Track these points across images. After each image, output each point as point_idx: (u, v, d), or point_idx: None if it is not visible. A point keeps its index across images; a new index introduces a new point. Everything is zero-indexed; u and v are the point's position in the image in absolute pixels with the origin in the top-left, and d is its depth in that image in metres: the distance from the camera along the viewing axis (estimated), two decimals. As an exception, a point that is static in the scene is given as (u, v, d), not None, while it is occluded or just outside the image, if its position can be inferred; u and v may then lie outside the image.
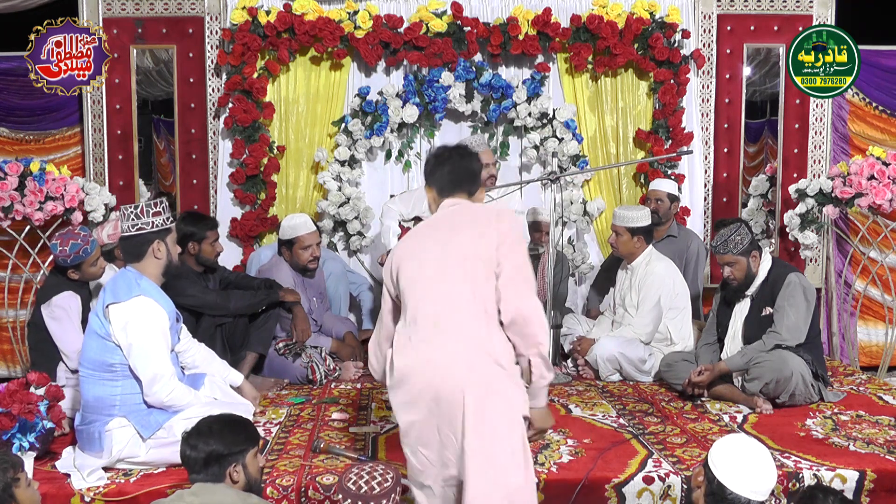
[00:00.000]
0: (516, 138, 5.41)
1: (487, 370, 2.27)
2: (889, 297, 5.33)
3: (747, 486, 2.15)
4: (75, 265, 3.61)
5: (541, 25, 5.17)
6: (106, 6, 5.15)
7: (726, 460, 2.19)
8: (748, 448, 2.23)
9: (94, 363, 2.93)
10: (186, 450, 2.35)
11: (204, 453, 2.32)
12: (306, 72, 5.28)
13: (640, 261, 4.43)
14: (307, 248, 4.39)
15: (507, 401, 2.28)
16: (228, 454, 2.34)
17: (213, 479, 2.32)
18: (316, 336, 4.44)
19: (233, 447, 2.35)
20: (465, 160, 2.57)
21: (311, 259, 4.41)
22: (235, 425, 2.43)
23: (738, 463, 2.18)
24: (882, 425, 3.49)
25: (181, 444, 2.38)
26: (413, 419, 2.31)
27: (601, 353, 4.27)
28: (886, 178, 4.86)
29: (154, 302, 2.94)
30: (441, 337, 2.30)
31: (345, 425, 3.50)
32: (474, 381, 2.25)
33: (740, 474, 2.16)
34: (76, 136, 5.36)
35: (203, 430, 2.36)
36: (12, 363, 5.26)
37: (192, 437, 2.36)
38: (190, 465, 2.36)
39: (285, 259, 4.47)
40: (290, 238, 4.39)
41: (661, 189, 4.93)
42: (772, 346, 3.74)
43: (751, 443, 2.26)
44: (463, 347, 2.28)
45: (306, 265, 4.42)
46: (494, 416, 2.25)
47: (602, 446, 3.17)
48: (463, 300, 2.32)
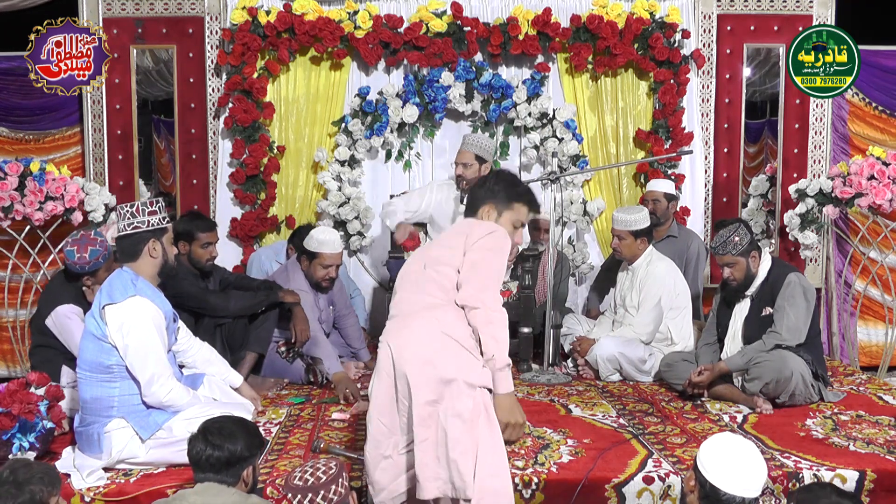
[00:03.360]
0: (516, 138, 5.41)
1: (443, 343, 2.45)
2: (889, 297, 5.33)
3: (740, 484, 2.14)
4: (92, 272, 3.56)
5: (541, 25, 5.17)
6: (106, 6, 5.15)
7: (715, 462, 2.17)
8: (735, 447, 2.22)
9: (92, 365, 2.92)
10: (208, 449, 2.28)
11: (228, 453, 2.28)
12: (306, 72, 5.29)
13: (641, 261, 4.43)
14: (327, 268, 4.31)
15: (458, 369, 2.41)
16: (250, 456, 2.32)
17: (231, 480, 2.28)
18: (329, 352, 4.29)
19: (253, 449, 2.34)
20: (485, 186, 2.81)
21: (326, 278, 4.33)
22: (251, 427, 2.43)
23: (727, 463, 2.17)
24: (882, 425, 3.48)
25: (198, 443, 2.30)
26: (375, 388, 2.53)
27: (601, 352, 4.27)
28: (886, 178, 4.86)
29: (150, 302, 2.93)
30: (407, 319, 2.55)
31: (345, 425, 3.50)
32: (428, 352, 2.43)
33: (731, 474, 2.15)
34: (76, 136, 5.36)
35: (227, 431, 2.31)
36: (12, 363, 5.26)
37: (215, 436, 2.29)
38: (209, 465, 2.29)
39: (302, 267, 4.40)
40: (314, 251, 4.30)
41: (658, 189, 4.92)
42: (772, 346, 3.74)
43: (736, 440, 2.24)
44: (424, 326, 2.49)
45: (320, 282, 4.34)
46: (441, 383, 2.40)
47: (602, 446, 3.17)
48: (432, 298, 2.54)
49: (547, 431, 3.37)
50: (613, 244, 4.50)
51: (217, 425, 2.35)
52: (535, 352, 4.58)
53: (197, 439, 2.32)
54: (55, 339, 3.59)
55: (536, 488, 2.83)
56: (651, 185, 5.01)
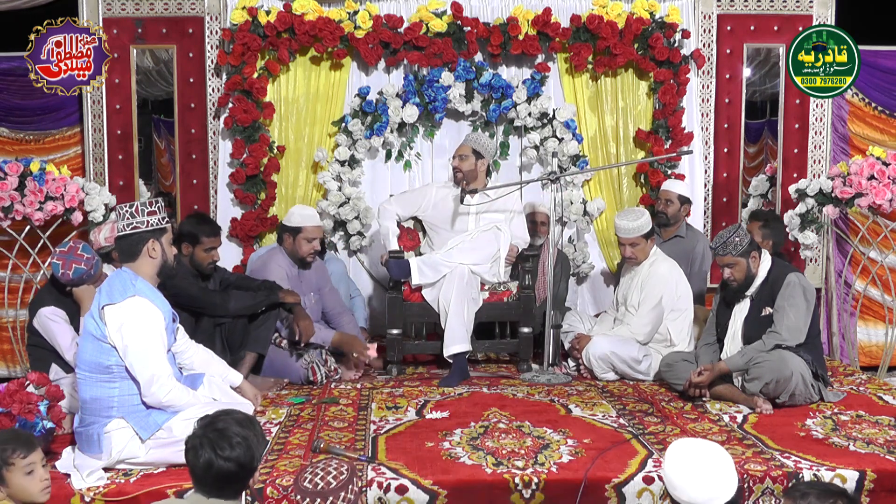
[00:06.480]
0: (516, 138, 5.41)
1: None
2: (889, 297, 5.33)
3: (716, 494, 2.06)
4: (76, 285, 3.63)
5: (541, 25, 5.17)
6: (106, 6, 5.15)
7: (685, 485, 2.07)
8: (695, 461, 2.10)
9: (91, 365, 2.92)
10: (220, 462, 2.07)
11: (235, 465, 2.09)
12: (306, 72, 5.28)
13: (645, 261, 4.43)
14: (311, 241, 4.45)
15: None
16: (255, 469, 2.18)
17: (234, 495, 2.13)
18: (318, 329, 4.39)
19: (260, 456, 2.21)
20: None
21: (311, 252, 4.47)
22: (258, 427, 2.24)
23: (696, 482, 2.06)
24: (882, 425, 3.49)
25: (210, 456, 2.08)
26: None
27: (594, 351, 4.28)
28: (886, 178, 4.86)
29: (149, 302, 2.93)
30: None
31: (345, 425, 3.50)
32: None
33: (705, 490, 2.06)
34: (76, 136, 5.35)
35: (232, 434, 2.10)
36: (12, 363, 5.26)
37: (226, 449, 2.08)
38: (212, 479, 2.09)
39: (285, 247, 4.48)
40: (297, 226, 4.43)
41: (673, 190, 4.94)
42: (772, 346, 3.74)
43: (692, 452, 2.12)
44: None
45: (304, 257, 4.46)
46: None
47: (602, 446, 3.17)
48: None
49: (547, 431, 3.37)
50: (628, 253, 4.40)
51: (222, 427, 2.13)
52: (535, 352, 4.58)
53: (210, 450, 2.09)
54: (45, 339, 3.66)
55: (536, 488, 2.83)
56: (667, 184, 5.02)
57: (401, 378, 4.39)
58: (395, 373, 4.44)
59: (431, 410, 3.72)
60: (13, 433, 2.48)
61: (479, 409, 3.71)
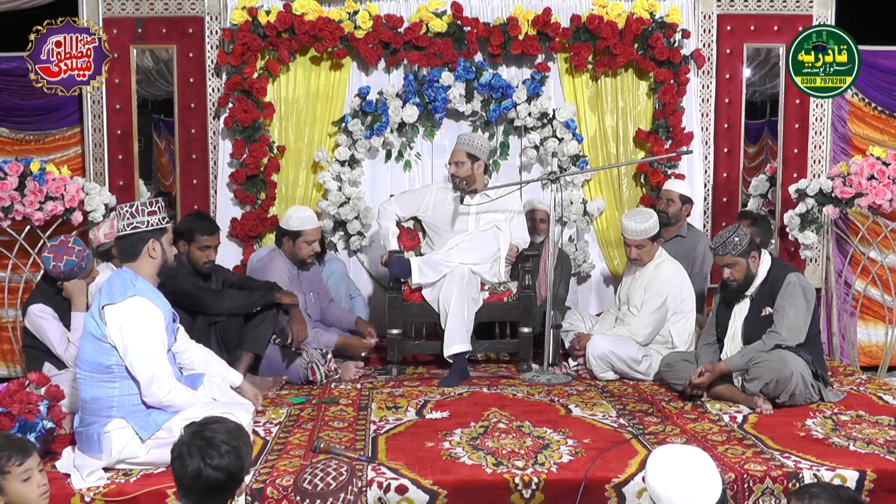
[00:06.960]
0: (516, 138, 5.41)
1: None
2: (889, 297, 5.33)
3: (700, 498, 2.04)
4: (68, 279, 3.64)
5: (541, 25, 5.17)
6: (106, 6, 5.15)
7: (669, 494, 2.04)
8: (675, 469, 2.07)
9: (91, 365, 2.92)
10: (208, 470, 2.04)
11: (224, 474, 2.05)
12: (306, 72, 5.28)
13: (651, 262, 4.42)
14: (311, 243, 4.49)
15: None
16: (242, 480, 2.15)
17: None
18: (318, 333, 4.42)
19: (247, 471, 2.18)
20: None
21: (311, 254, 4.52)
22: (246, 437, 2.21)
23: (679, 490, 2.04)
24: (882, 425, 3.49)
25: (199, 464, 2.05)
26: None
27: (592, 350, 4.28)
28: (886, 178, 4.86)
29: (149, 302, 2.93)
30: None
31: (345, 425, 3.50)
32: None
33: (689, 496, 2.03)
34: (76, 136, 5.35)
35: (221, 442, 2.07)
36: (12, 363, 5.26)
37: (215, 458, 2.05)
38: (205, 488, 2.04)
39: (285, 250, 4.51)
40: (296, 230, 4.46)
41: (675, 190, 4.95)
42: (772, 346, 3.74)
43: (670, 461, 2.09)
44: None
45: (304, 259, 4.51)
46: None
47: (602, 446, 3.17)
48: None
49: (547, 431, 3.37)
50: (633, 255, 4.38)
51: (210, 435, 2.09)
52: (535, 352, 4.58)
53: (198, 457, 2.05)
54: (37, 339, 3.67)
55: (536, 488, 2.84)
56: (668, 184, 5.02)
57: (401, 378, 4.39)
58: (395, 373, 4.44)
59: (431, 410, 3.72)
60: (7, 439, 2.40)
61: (479, 409, 3.71)
